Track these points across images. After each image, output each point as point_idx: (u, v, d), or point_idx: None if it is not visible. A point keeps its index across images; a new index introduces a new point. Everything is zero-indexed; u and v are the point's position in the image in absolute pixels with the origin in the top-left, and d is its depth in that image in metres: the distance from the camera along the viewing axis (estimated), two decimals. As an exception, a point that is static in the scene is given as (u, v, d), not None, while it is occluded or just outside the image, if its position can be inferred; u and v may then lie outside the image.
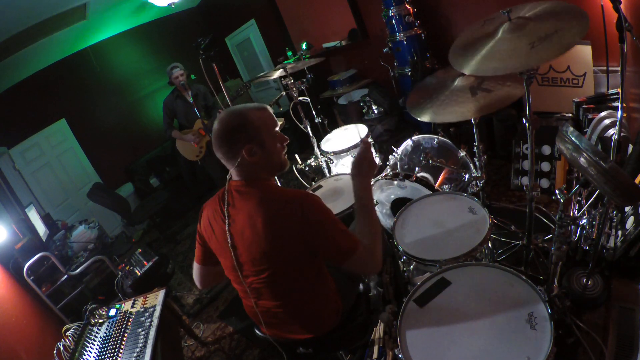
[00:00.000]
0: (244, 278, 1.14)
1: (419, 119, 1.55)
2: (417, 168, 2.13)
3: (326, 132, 2.75)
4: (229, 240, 1.11)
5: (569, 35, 1.03)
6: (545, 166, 2.40)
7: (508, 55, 1.11)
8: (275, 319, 1.19)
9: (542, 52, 1.04)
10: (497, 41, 1.18)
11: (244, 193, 1.10)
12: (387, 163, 2.30)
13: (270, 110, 1.16)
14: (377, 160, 1.48)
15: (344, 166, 2.46)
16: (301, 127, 2.50)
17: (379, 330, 1.36)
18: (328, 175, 2.51)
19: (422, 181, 1.87)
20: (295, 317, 1.18)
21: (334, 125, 3.53)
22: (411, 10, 3.01)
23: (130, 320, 1.75)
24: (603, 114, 1.91)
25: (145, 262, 2.34)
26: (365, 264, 1.08)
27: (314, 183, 2.27)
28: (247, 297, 1.19)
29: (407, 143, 2.25)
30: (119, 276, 2.29)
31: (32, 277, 2.00)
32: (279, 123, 1.18)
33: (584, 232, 1.72)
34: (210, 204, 1.20)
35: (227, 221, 1.11)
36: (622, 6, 1.17)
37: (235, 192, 1.12)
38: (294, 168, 2.59)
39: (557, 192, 1.26)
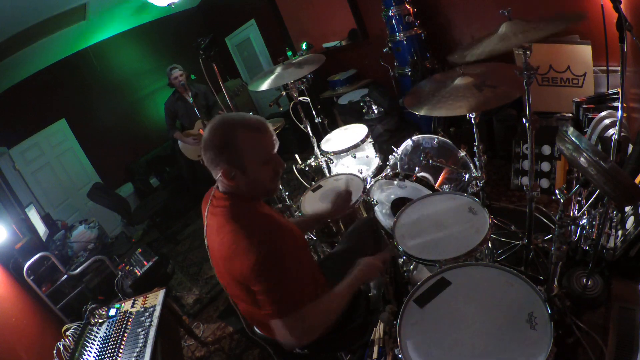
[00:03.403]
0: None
1: (417, 113, 1.54)
2: (417, 168, 2.13)
3: (326, 132, 2.75)
4: (209, 255, 1.11)
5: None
6: (545, 166, 2.39)
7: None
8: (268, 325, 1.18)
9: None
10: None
11: (217, 206, 1.05)
12: (387, 163, 2.30)
13: (271, 128, 1.02)
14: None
15: (343, 166, 2.46)
16: (301, 127, 2.50)
17: (379, 330, 1.35)
18: (328, 175, 2.51)
19: (422, 181, 1.87)
20: None
21: (334, 125, 3.52)
22: (411, 10, 3.01)
23: (130, 320, 1.75)
24: (603, 114, 1.91)
25: (145, 262, 2.34)
26: (280, 334, 0.98)
27: (314, 183, 2.27)
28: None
29: (407, 143, 2.25)
30: (119, 276, 2.29)
31: (32, 277, 2.00)
32: (277, 144, 1.05)
33: (584, 232, 1.72)
34: (203, 204, 1.18)
35: (205, 234, 1.10)
36: (622, 6, 1.17)
37: (215, 203, 1.08)
38: (294, 168, 2.59)
39: (557, 192, 1.26)
